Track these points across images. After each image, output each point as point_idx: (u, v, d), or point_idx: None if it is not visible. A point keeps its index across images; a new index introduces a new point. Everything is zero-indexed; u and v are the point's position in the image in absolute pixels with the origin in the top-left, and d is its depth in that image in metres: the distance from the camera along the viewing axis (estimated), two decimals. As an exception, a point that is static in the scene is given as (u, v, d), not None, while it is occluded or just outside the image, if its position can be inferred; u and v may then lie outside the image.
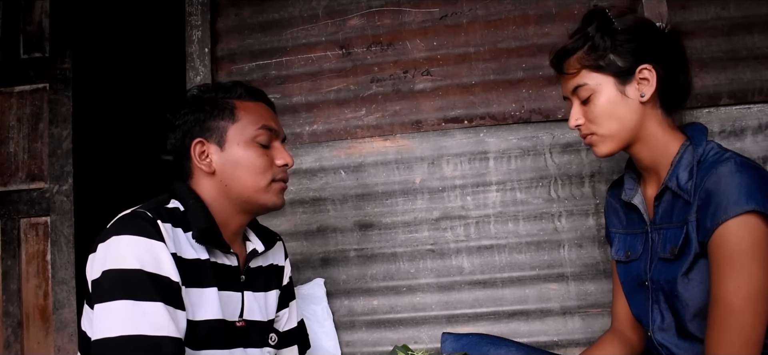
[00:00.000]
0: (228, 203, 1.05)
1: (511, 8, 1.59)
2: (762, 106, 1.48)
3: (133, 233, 0.89)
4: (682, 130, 1.09)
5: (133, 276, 0.86)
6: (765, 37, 1.49)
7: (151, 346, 0.84)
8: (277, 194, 1.08)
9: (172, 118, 1.08)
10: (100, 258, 0.89)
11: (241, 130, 1.04)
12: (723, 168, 0.94)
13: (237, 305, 1.06)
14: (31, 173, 1.82)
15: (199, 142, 1.04)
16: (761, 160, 1.46)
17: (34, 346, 1.76)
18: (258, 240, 1.16)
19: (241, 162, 1.04)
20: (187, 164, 1.06)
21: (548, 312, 1.52)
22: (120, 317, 0.84)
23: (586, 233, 1.52)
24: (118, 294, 0.85)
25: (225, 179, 1.04)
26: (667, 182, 1.04)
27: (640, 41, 1.03)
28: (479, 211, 1.57)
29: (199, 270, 0.98)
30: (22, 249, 1.80)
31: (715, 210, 0.93)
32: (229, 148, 1.04)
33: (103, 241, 0.90)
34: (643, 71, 1.02)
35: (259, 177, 1.04)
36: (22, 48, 1.86)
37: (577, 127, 1.08)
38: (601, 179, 1.53)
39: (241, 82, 1.12)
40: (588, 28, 1.05)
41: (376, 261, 1.60)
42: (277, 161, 1.08)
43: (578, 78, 1.05)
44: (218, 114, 1.05)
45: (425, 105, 1.61)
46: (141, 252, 0.88)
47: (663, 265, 1.05)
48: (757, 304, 0.89)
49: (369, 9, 1.65)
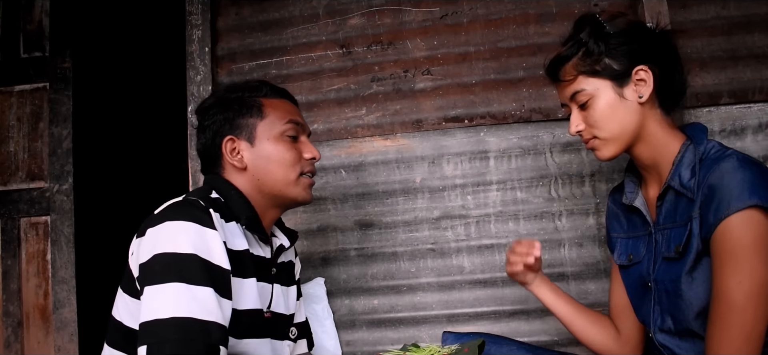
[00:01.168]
0: (261, 197, 1.08)
1: (511, 7, 1.59)
2: (762, 106, 1.48)
3: (188, 219, 0.90)
4: (683, 130, 1.09)
5: (186, 260, 0.87)
6: (765, 37, 1.49)
7: (200, 330, 0.84)
8: (306, 189, 1.12)
9: (201, 120, 1.12)
10: (150, 242, 0.89)
11: (269, 126, 1.08)
12: (725, 164, 0.94)
13: (267, 296, 1.08)
14: (31, 173, 1.82)
15: (229, 139, 1.07)
16: (762, 159, 1.46)
17: (34, 345, 1.76)
18: (283, 236, 1.19)
19: (272, 156, 1.07)
20: (219, 163, 1.09)
21: (549, 311, 1.52)
22: (172, 299, 0.85)
23: (586, 232, 1.52)
24: (171, 277, 0.86)
25: (257, 174, 1.07)
26: (670, 181, 1.04)
27: (633, 43, 1.04)
28: (480, 210, 1.57)
29: (242, 260, 1.01)
30: (22, 248, 1.80)
31: (718, 205, 0.93)
32: (260, 143, 1.08)
33: (153, 225, 0.91)
34: (639, 72, 1.03)
35: (289, 170, 1.08)
36: (22, 47, 1.86)
37: (578, 132, 1.09)
38: (602, 178, 1.53)
39: (266, 81, 1.16)
40: (580, 34, 1.06)
41: (377, 260, 1.60)
42: (305, 155, 1.12)
43: (575, 84, 1.06)
44: (247, 112, 1.09)
45: (426, 104, 1.61)
46: (195, 238, 0.89)
47: (667, 264, 1.05)
48: (759, 300, 0.89)
49: (369, 8, 1.65)
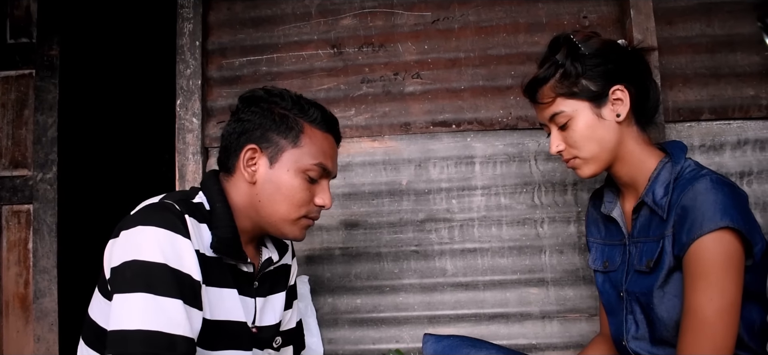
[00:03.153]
0: (254, 215, 1.03)
1: (502, 16, 1.62)
2: (741, 123, 1.52)
3: (160, 225, 0.87)
4: (663, 146, 1.12)
5: (155, 270, 0.84)
6: (746, 56, 1.53)
7: (166, 343, 0.82)
8: (301, 230, 1.06)
9: (240, 107, 1.06)
10: (122, 246, 0.87)
11: (297, 158, 1.02)
12: (699, 185, 0.97)
13: (250, 311, 1.05)
14: (15, 160, 1.80)
15: (252, 148, 1.01)
16: (739, 175, 1.50)
17: (13, 334, 1.75)
18: (273, 248, 1.14)
19: (283, 188, 1.01)
20: (232, 160, 1.04)
21: (528, 316, 1.55)
22: (138, 310, 0.82)
23: (567, 239, 1.55)
24: (138, 286, 0.83)
25: (260, 195, 1.02)
26: (644, 197, 1.07)
27: (609, 63, 1.06)
28: (464, 214, 1.59)
29: (219, 270, 0.98)
30: (3, 236, 1.78)
31: (690, 225, 0.96)
32: (279, 169, 1.01)
33: (126, 228, 0.88)
34: (616, 92, 1.05)
35: (293, 209, 1.02)
36: (8, 33, 1.84)
37: (558, 152, 1.11)
38: (584, 187, 1.56)
39: (321, 105, 1.08)
40: (556, 55, 1.07)
41: (361, 260, 1.61)
42: (316, 200, 1.05)
43: (554, 106, 1.08)
44: (283, 130, 1.02)
45: (414, 108, 1.62)
46: (166, 246, 0.86)
47: (639, 277, 1.08)
48: (729, 316, 0.92)
49: (362, 10, 1.66)
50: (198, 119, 1.63)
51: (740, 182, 1.50)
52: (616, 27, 1.57)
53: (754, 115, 1.51)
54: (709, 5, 1.55)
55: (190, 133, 1.63)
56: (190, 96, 1.64)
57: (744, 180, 1.50)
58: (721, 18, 1.54)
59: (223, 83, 1.68)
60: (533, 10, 1.60)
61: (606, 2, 1.59)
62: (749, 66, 1.52)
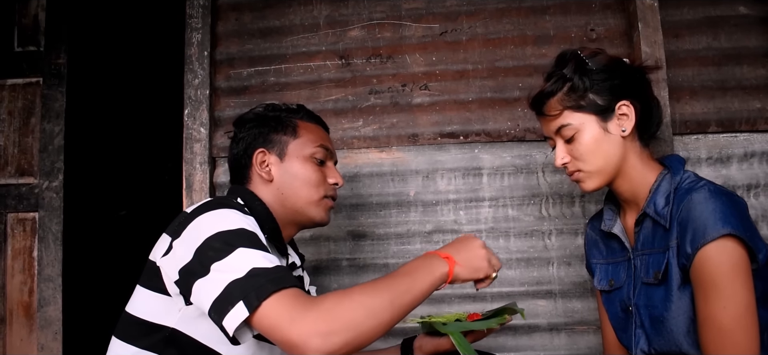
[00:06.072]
0: (282, 211, 1.13)
1: (510, 28, 1.62)
2: (748, 136, 1.52)
3: (232, 208, 0.94)
4: (661, 160, 1.13)
5: (244, 232, 0.89)
6: (753, 69, 1.54)
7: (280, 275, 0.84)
8: (326, 211, 1.17)
9: (237, 131, 1.18)
10: (192, 237, 0.90)
11: (301, 146, 1.15)
12: (697, 195, 0.98)
13: None
14: (21, 168, 1.80)
15: (261, 151, 1.13)
16: (746, 187, 1.51)
17: (16, 343, 1.74)
18: (295, 254, 1.22)
19: (299, 175, 1.13)
20: (246, 173, 1.15)
21: (536, 328, 1.54)
22: (242, 259, 0.84)
23: (575, 251, 1.55)
24: (233, 246, 0.86)
25: (282, 188, 1.12)
26: (646, 208, 1.08)
27: (615, 79, 1.08)
28: (471, 226, 1.59)
29: None
30: (8, 244, 1.78)
31: (693, 235, 0.96)
32: (289, 161, 1.14)
33: (189, 222, 0.92)
34: (622, 107, 1.07)
35: (313, 190, 1.13)
36: (16, 41, 1.84)
37: (563, 165, 1.12)
38: (591, 199, 1.56)
39: (304, 106, 1.23)
40: (563, 69, 1.09)
41: (368, 271, 1.61)
42: (329, 179, 1.17)
43: (561, 119, 1.09)
44: (282, 129, 1.15)
45: (422, 119, 1.63)
46: (244, 220, 0.93)
47: (647, 289, 1.08)
48: (746, 321, 0.92)
49: (370, 21, 1.67)
50: (206, 129, 1.63)
51: (747, 194, 1.50)
52: (624, 40, 1.58)
53: (761, 127, 1.52)
54: (716, 19, 1.56)
55: (198, 143, 1.63)
56: (198, 106, 1.64)
57: (751, 193, 1.50)
58: (727, 31, 1.55)
59: (230, 93, 1.68)
60: (541, 23, 1.61)
61: (613, 15, 1.60)
62: (756, 79, 1.53)
